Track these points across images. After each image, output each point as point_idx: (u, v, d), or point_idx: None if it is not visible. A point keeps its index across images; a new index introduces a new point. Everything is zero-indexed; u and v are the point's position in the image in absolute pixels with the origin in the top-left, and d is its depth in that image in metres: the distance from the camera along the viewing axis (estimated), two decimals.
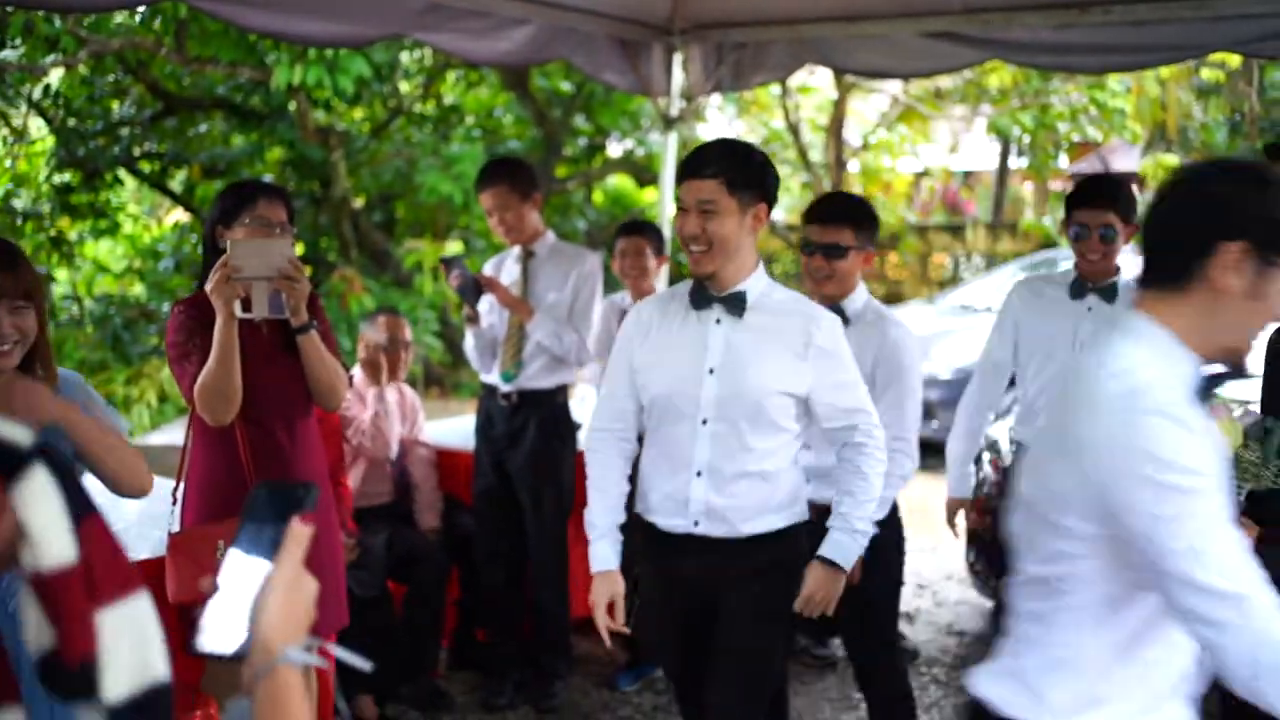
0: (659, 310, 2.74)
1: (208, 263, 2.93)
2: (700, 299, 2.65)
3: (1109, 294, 3.50)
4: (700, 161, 2.58)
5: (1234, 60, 12.10)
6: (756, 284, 2.65)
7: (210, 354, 2.75)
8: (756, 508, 2.65)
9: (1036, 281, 3.78)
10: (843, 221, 3.21)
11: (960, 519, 3.92)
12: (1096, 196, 3.48)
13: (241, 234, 2.85)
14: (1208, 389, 1.67)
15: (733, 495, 2.63)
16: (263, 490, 1.22)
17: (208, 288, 2.73)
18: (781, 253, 15.86)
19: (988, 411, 3.80)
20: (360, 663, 1.20)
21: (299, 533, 1.16)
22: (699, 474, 2.63)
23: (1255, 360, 3.79)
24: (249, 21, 4.26)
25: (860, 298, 3.26)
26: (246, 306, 2.76)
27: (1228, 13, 4.56)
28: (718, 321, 2.63)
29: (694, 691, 2.80)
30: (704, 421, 2.61)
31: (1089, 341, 3.25)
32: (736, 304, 2.62)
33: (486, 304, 4.18)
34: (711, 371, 2.61)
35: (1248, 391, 3.66)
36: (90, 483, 4.12)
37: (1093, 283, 3.52)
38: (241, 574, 1.15)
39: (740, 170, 2.57)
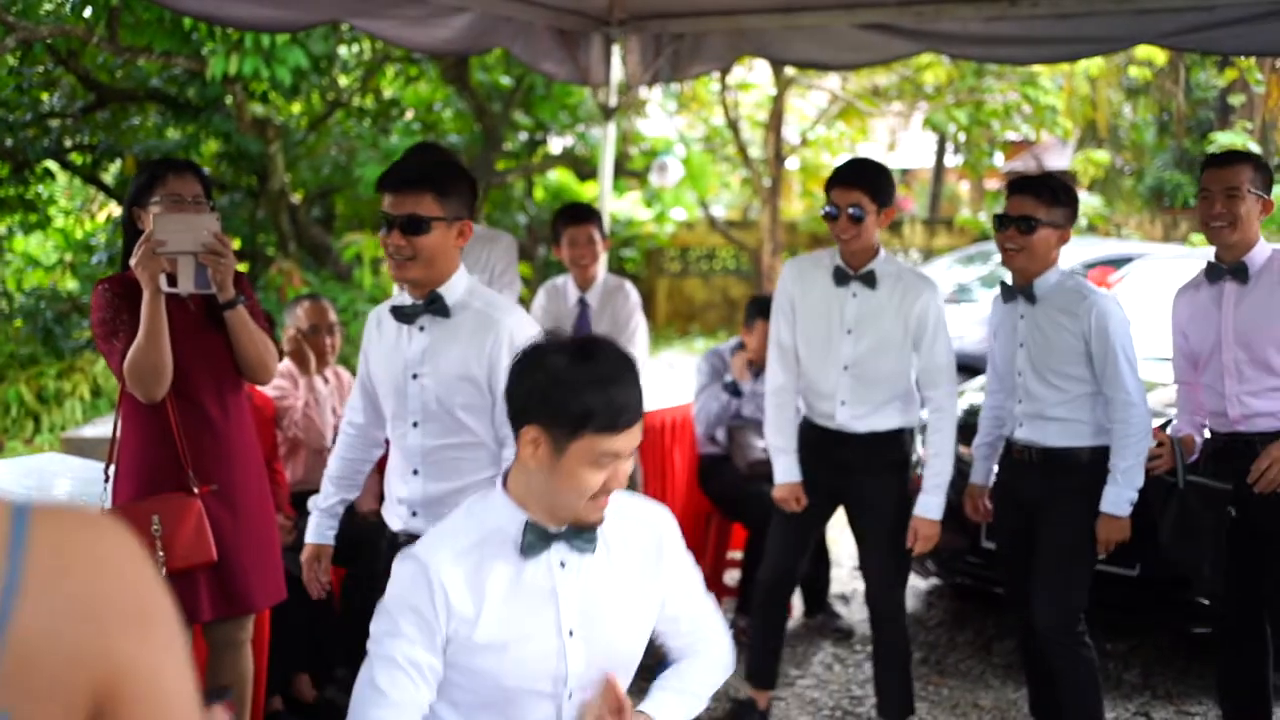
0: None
1: (128, 245, 2.92)
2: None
3: (870, 280, 3.55)
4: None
5: (1160, 59, 12.40)
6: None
7: (138, 330, 2.74)
8: None
9: (804, 262, 3.77)
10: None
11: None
12: (847, 176, 3.52)
13: (157, 211, 2.83)
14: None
15: None
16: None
17: (132, 262, 2.73)
18: (721, 248, 15.98)
19: (795, 395, 3.79)
20: None
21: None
22: None
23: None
24: (182, 4, 4.22)
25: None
26: (172, 281, 2.75)
27: (1150, 7, 4.69)
28: (562, 565, 1.91)
29: None
30: (569, 695, 1.91)
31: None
32: (585, 539, 1.91)
33: None
34: (571, 634, 1.89)
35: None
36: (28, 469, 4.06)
37: (854, 270, 3.55)
38: None
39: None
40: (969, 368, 8.29)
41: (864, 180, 3.49)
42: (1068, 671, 3.40)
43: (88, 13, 7.79)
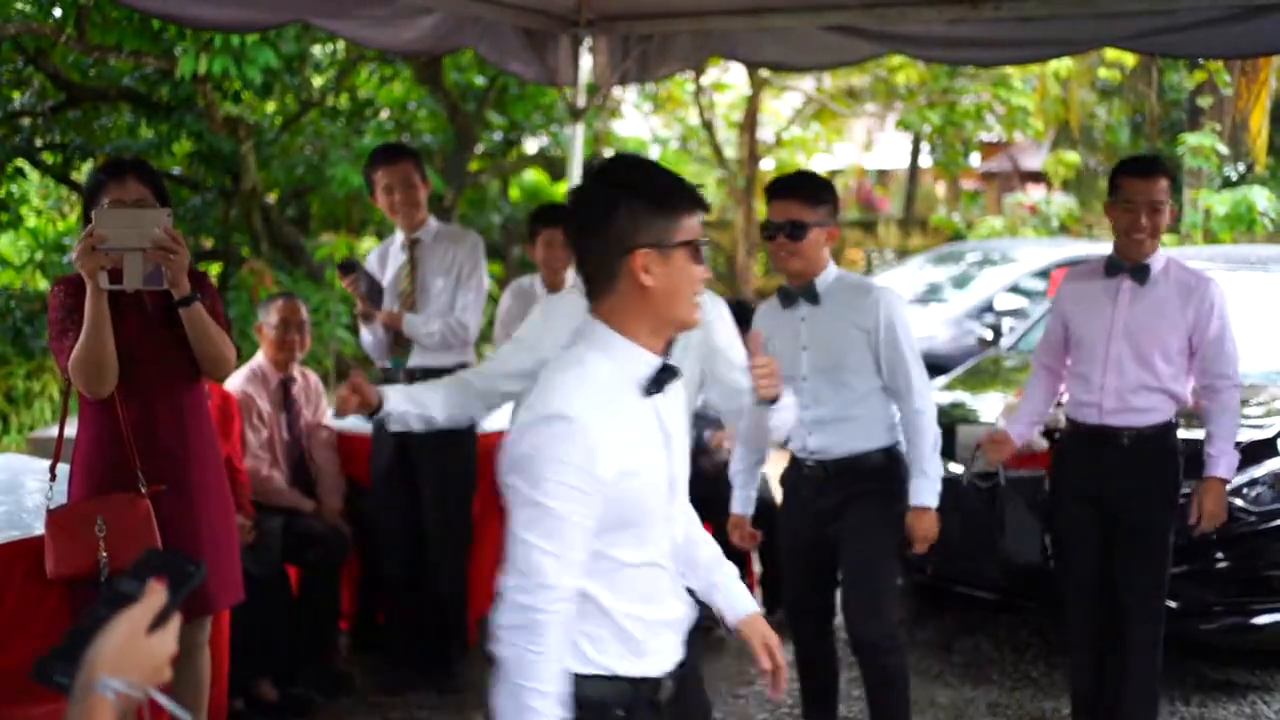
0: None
1: None
2: None
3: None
4: None
5: (1131, 61, 12.49)
6: None
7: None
8: None
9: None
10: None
11: None
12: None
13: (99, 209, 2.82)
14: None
15: None
16: (158, 553, 1.34)
17: (73, 257, 2.73)
18: None
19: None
20: (182, 713, 1.29)
21: (156, 591, 1.26)
22: None
23: None
24: (146, 4, 4.21)
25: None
26: (117, 278, 2.74)
27: (1111, 10, 4.75)
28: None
29: None
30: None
31: None
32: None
33: (387, 297, 4.25)
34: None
35: None
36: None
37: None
38: (97, 614, 1.25)
39: None
40: (939, 367, 8.37)
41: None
42: (894, 680, 3.32)
43: (57, 11, 7.76)
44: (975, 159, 18.24)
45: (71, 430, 3.04)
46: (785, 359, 3.26)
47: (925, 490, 3.25)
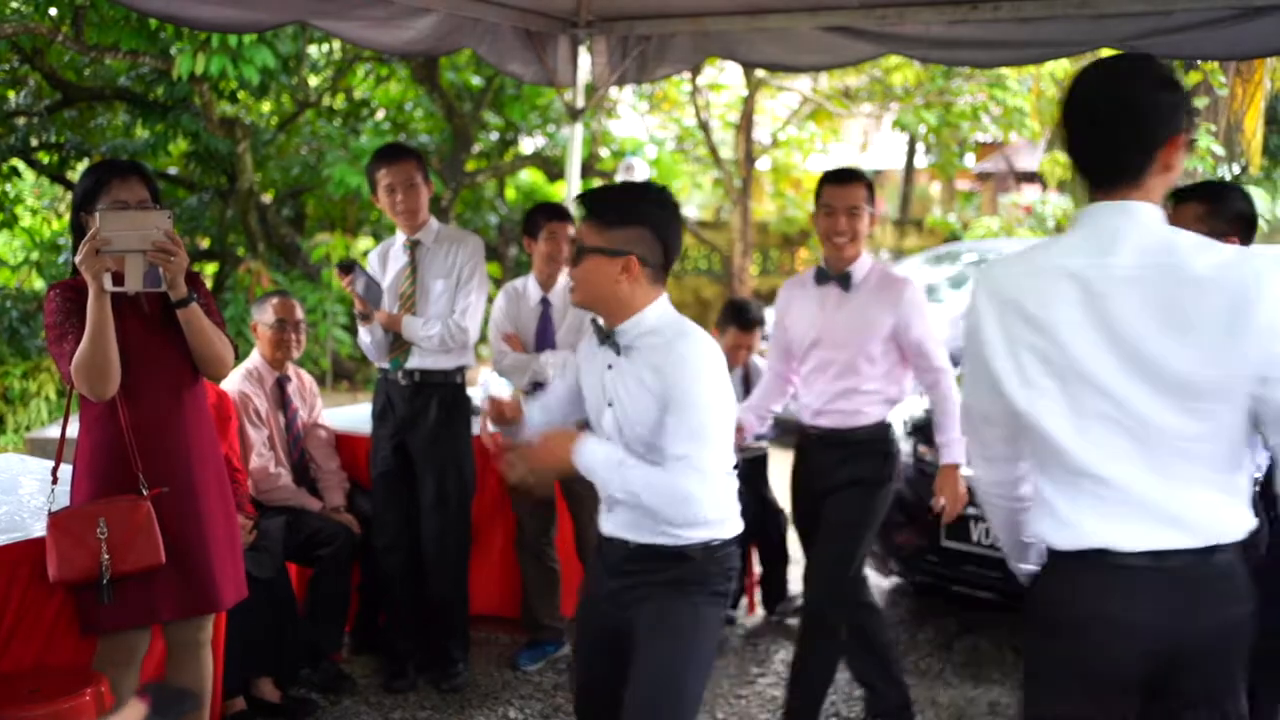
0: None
1: (77, 248, 2.90)
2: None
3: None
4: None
5: None
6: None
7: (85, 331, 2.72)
8: None
9: None
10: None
11: None
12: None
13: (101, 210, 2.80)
14: None
15: None
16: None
17: (76, 260, 2.71)
18: (693, 249, 16.02)
19: None
20: None
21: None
22: None
23: None
24: (144, 4, 4.21)
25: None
26: (119, 280, 2.73)
27: (1108, 11, 4.76)
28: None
29: None
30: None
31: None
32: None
33: (387, 298, 4.23)
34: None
35: None
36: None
37: None
38: None
39: None
40: None
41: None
42: None
43: (53, 11, 7.75)
44: (970, 159, 18.26)
45: (72, 432, 3.03)
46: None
47: None
